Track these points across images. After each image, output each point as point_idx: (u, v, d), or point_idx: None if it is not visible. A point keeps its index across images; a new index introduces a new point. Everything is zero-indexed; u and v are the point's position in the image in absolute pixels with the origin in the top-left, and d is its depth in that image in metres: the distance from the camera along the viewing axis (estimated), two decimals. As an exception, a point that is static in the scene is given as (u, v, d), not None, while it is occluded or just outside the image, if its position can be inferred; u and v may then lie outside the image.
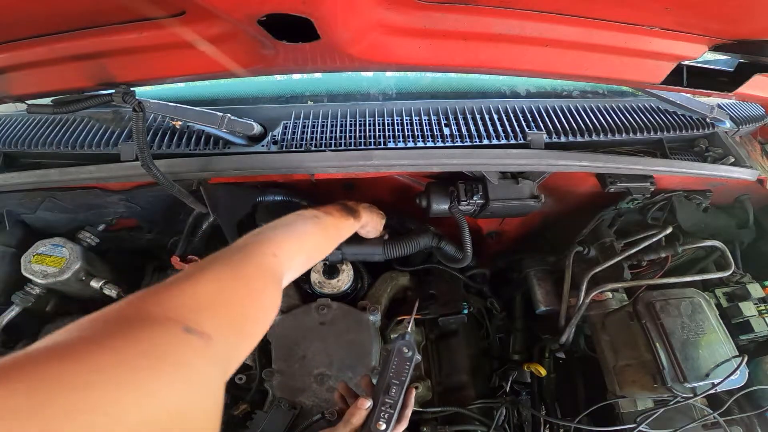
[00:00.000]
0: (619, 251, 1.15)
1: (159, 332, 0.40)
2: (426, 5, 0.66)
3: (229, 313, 0.49)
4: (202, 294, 0.49)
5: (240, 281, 0.56)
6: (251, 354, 1.15)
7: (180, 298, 0.46)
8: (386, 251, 1.13)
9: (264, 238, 0.68)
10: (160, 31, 0.70)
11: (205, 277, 0.51)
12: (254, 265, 0.61)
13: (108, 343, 0.35)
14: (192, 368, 0.39)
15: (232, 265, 0.58)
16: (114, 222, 1.25)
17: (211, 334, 0.43)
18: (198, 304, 0.46)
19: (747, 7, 0.67)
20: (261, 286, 0.58)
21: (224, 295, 0.51)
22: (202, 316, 0.44)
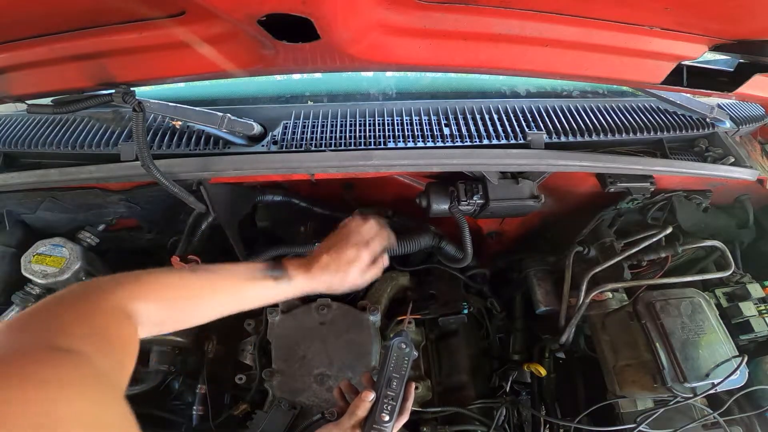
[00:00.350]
0: (619, 251, 1.15)
1: (35, 353, 0.43)
2: (426, 5, 0.66)
3: (96, 334, 0.52)
4: (66, 322, 0.52)
5: (97, 311, 0.58)
6: (251, 354, 1.16)
7: (54, 325, 0.50)
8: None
9: (112, 278, 0.68)
10: (161, 31, 0.70)
11: (58, 303, 0.56)
12: (107, 298, 0.62)
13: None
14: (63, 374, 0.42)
15: (83, 295, 0.60)
16: (114, 222, 1.25)
17: (79, 349, 0.46)
18: (69, 331, 0.50)
19: (747, 7, 0.67)
20: (114, 314, 0.60)
21: (83, 318, 0.54)
22: (72, 339, 0.48)
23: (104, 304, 0.60)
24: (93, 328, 0.53)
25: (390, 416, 0.78)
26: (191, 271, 0.80)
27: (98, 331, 0.53)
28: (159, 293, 0.70)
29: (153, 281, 0.71)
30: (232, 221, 1.16)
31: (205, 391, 1.12)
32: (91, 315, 0.56)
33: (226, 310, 0.79)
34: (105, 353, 0.50)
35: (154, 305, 0.68)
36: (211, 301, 0.77)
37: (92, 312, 0.57)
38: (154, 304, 0.68)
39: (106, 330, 0.55)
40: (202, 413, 1.11)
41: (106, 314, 0.58)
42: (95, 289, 0.62)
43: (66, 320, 0.52)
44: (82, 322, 0.54)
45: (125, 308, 0.62)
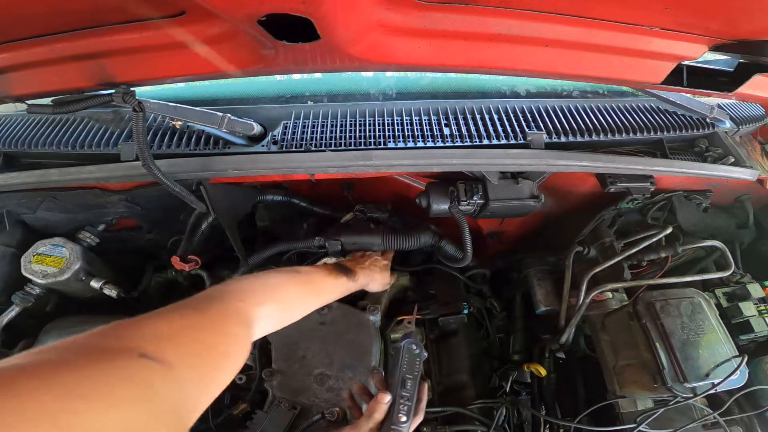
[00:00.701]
0: (619, 251, 1.15)
1: (116, 358, 0.42)
2: (426, 5, 0.66)
3: (192, 345, 0.51)
4: (163, 327, 0.51)
5: (204, 318, 0.58)
6: (251, 354, 1.16)
7: (140, 330, 0.48)
8: (385, 242, 1.13)
9: (231, 286, 0.71)
10: (161, 31, 0.70)
11: (168, 314, 0.54)
12: (219, 306, 0.63)
13: (66, 368, 0.37)
14: (148, 389, 0.40)
15: (196, 306, 0.60)
16: (114, 222, 1.25)
17: (172, 361, 0.45)
18: (157, 335, 0.48)
19: (747, 7, 0.67)
20: (226, 324, 0.60)
21: (186, 329, 0.53)
22: (161, 346, 0.46)
23: (225, 315, 0.61)
24: (192, 339, 0.52)
25: (407, 417, 0.80)
26: (296, 272, 0.89)
27: (196, 343, 0.52)
28: (276, 295, 0.78)
29: (271, 284, 0.79)
30: (232, 221, 1.16)
31: (205, 391, 1.12)
32: (206, 326, 0.56)
33: (317, 305, 0.92)
34: (192, 366, 0.49)
35: (274, 306, 0.75)
36: (311, 298, 0.89)
37: (208, 323, 0.57)
38: (273, 305, 0.75)
39: (214, 344, 0.55)
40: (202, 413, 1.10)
41: (222, 326, 0.59)
42: (220, 299, 0.64)
43: (172, 328, 0.51)
44: (189, 330, 0.53)
45: (246, 316, 0.65)
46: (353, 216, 1.22)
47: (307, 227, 1.25)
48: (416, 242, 1.16)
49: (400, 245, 1.15)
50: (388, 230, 1.16)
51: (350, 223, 1.21)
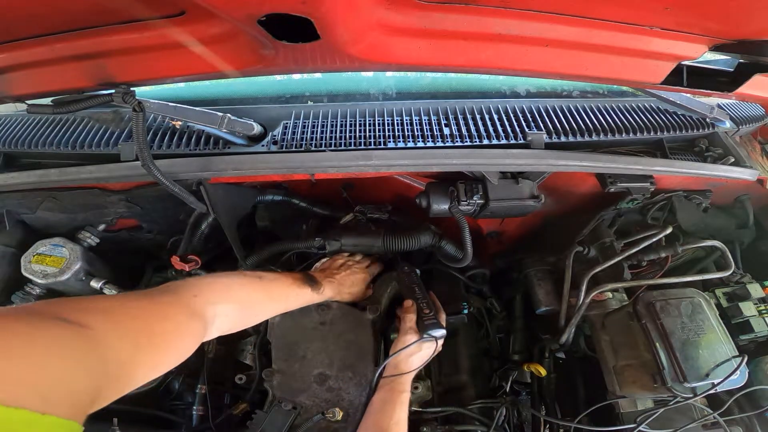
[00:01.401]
0: (619, 251, 1.15)
1: (33, 320, 0.43)
2: (426, 5, 0.66)
3: (128, 321, 0.53)
4: (102, 303, 0.53)
5: (152, 303, 0.60)
6: (251, 354, 1.16)
7: (76, 303, 0.51)
8: (385, 243, 1.13)
9: (189, 281, 0.73)
10: (161, 31, 0.70)
11: (117, 296, 0.57)
12: (171, 297, 0.65)
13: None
14: (52, 335, 0.42)
15: (149, 293, 0.63)
16: (114, 222, 1.25)
17: (93, 326, 0.46)
18: (89, 308, 0.50)
19: (747, 7, 0.67)
20: (172, 311, 0.61)
21: (127, 307, 0.55)
22: (88, 315, 0.48)
23: (172, 303, 0.63)
24: (129, 316, 0.53)
25: (429, 309, 1.02)
26: (259, 276, 0.91)
27: (132, 319, 0.53)
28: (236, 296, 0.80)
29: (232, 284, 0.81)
30: (231, 221, 1.16)
31: (205, 391, 1.12)
32: (148, 308, 0.58)
33: (276, 312, 0.96)
34: (122, 336, 0.50)
35: (232, 306, 0.77)
36: (271, 304, 0.91)
37: (151, 307, 0.58)
38: (231, 305, 0.77)
39: (153, 322, 0.56)
40: (202, 413, 1.10)
41: (166, 311, 0.60)
42: (173, 290, 0.67)
43: (108, 304, 0.53)
44: (127, 309, 0.54)
45: (199, 310, 0.67)
46: (353, 217, 1.22)
47: (307, 228, 1.25)
48: (416, 243, 1.16)
49: (400, 246, 1.15)
50: (388, 232, 1.16)
51: (350, 225, 1.21)
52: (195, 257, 1.12)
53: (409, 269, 1.10)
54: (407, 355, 0.98)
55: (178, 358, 0.59)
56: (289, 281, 0.96)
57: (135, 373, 0.51)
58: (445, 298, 1.27)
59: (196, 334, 0.64)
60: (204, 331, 0.67)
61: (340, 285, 1.07)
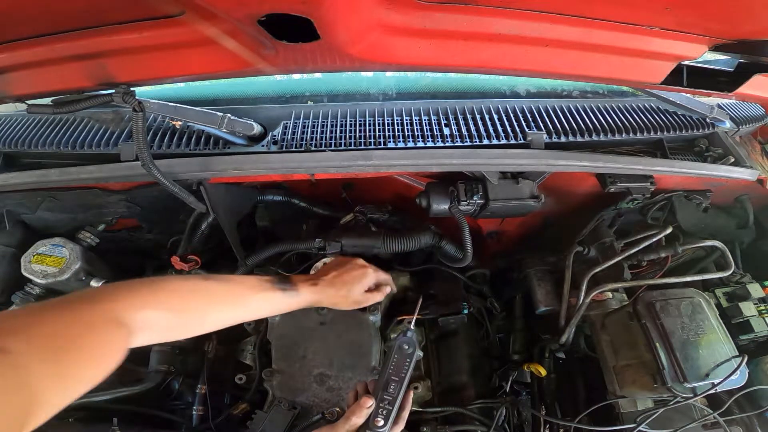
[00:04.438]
0: (619, 251, 1.15)
1: None
2: (426, 5, 0.66)
3: (48, 338, 0.51)
4: (15, 320, 0.52)
5: (73, 313, 0.57)
6: (251, 354, 1.16)
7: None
8: (386, 244, 1.13)
9: (107, 287, 0.69)
10: (160, 31, 0.70)
11: (29, 309, 0.56)
12: (91, 305, 0.60)
13: None
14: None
15: (68, 301, 0.59)
16: (114, 222, 1.25)
17: (13, 350, 0.45)
18: (4, 328, 0.49)
19: (747, 7, 0.67)
20: (93, 321, 0.58)
21: (46, 322, 0.53)
22: (8, 337, 0.47)
23: (92, 312, 0.59)
24: (49, 333, 0.52)
25: (385, 421, 0.75)
26: (203, 279, 0.81)
27: (53, 336, 0.52)
28: (166, 302, 0.70)
29: (162, 288, 0.71)
30: (231, 221, 1.16)
31: (205, 391, 1.12)
32: (68, 322, 0.56)
33: (234, 319, 0.81)
34: (44, 358, 0.49)
35: (161, 313, 0.68)
36: (220, 310, 0.78)
37: (70, 319, 0.56)
38: (160, 312, 0.68)
39: (74, 336, 0.54)
40: (202, 413, 1.10)
41: (87, 322, 0.57)
42: (91, 297, 0.62)
43: (26, 322, 0.52)
44: (45, 326, 0.53)
45: (120, 317, 0.62)
46: (353, 217, 1.22)
47: (307, 228, 1.25)
48: (417, 243, 1.16)
49: (400, 247, 1.15)
50: (389, 232, 1.16)
51: (351, 226, 1.21)
52: (195, 257, 1.12)
53: (410, 347, 0.83)
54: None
55: (104, 372, 0.56)
56: (251, 284, 0.82)
57: (60, 393, 0.49)
58: (445, 298, 1.27)
59: (117, 342, 0.60)
60: (127, 340, 0.62)
61: (329, 286, 0.90)
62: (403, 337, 0.84)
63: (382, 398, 0.77)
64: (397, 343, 0.83)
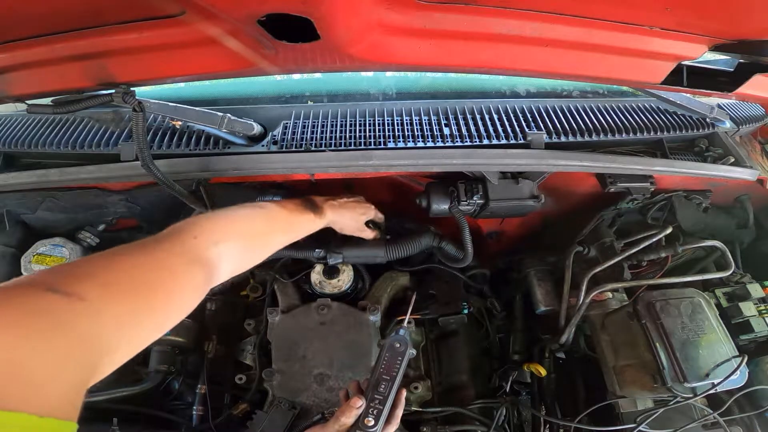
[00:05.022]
0: (619, 251, 1.15)
1: (23, 292, 0.42)
2: (426, 5, 0.66)
3: (121, 282, 0.50)
4: (92, 267, 0.50)
5: (146, 256, 0.57)
6: (251, 354, 1.16)
7: (65, 269, 0.49)
8: (388, 253, 1.13)
9: (189, 221, 0.69)
10: (160, 31, 0.70)
11: (106, 254, 0.53)
12: (171, 245, 0.61)
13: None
14: (46, 320, 0.40)
15: (146, 243, 0.59)
16: (114, 222, 1.25)
17: (86, 297, 0.44)
18: (80, 274, 0.48)
19: (747, 7, 0.67)
20: (172, 263, 0.58)
21: (120, 266, 0.52)
22: (79, 282, 0.45)
23: (171, 254, 0.59)
24: (124, 277, 0.51)
25: (375, 421, 0.74)
26: (260, 206, 0.85)
27: (128, 280, 0.51)
28: (240, 230, 0.74)
29: (237, 217, 0.76)
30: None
31: (205, 391, 1.12)
32: (146, 266, 0.55)
33: (287, 241, 0.89)
34: (118, 301, 0.48)
35: (236, 242, 0.71)
36: (275, 235, 0.84)
37: (148, 264, 0.55)
38: (236, 241, 0.71)
39: (149, 279, 0.53)
40: (202, 413, 1.11)
41: (167, 266, 0.57)
42: (171, 237, 0.62)
43: (103, 267, 0.51)
44: (123, 272, 0.51)
45: (202, 255, 0.63)
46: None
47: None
48: (418, 247, 1.16)
49: (403, 253, 1.14)
50: (390, 241, 1.16)
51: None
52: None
53: (402, 345, 0.81)
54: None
55: (180, 314, 0.56)
56: (291, 207, 0.90)
57: (134, 340, 0.49)
58: (445, 298, 1.27)
59: (199, 284, 0.60)
60: (209, 278, 0.63)
61: (342, 209, 1.01)
62: (394, 336, 0.83)
63: (372, 398, 0.76)
64: (388, 342, 0.82)
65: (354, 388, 0.81)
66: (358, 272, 1.23)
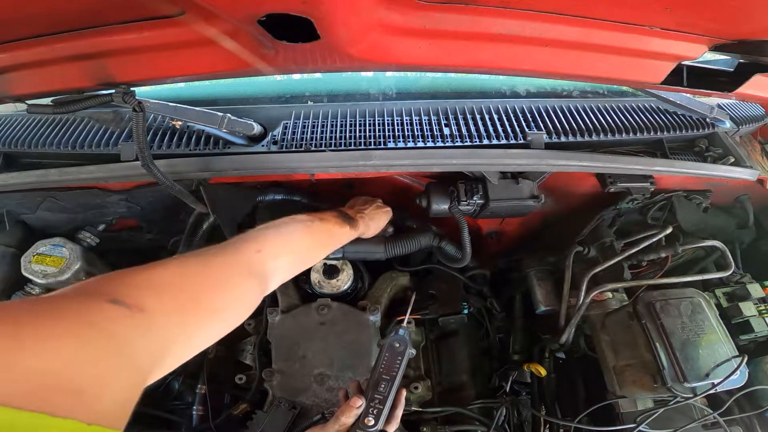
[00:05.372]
0: (619, 251, 1.15)
1: (83, 301, 0.42)
2: (426, 5, 0.66)
3: (177, 295, 0.50)
4: (153, 276, 0.50)
5: (205, 268, 0.57)
6: (251, 354, 1.16)
7: (125, 278, 0.48)
8: (387, 250, 1.13)
9: (250, 236, 0.71)
10: (160, 31, 0.70)
11: (165, 263, 0.53)
12: (230, 257, 0.62)
13: (27, 306, 0.39)
14: (103, 332, 0.39)
15: (206, 255, 0.60)
16: (114, 222, 1.25)
17: (145, 308, 0.44)
18: (140, 284, 0.48)
19: (747, 7, 0.67)
20: (229, 275, 0.60)
21: (178, 279, 0.52)
22: (139, 293, 0.46)
23: (228, 266, 0.60)
24: (183, 289, 0.51)
25: (375, 420, 0.74)
26: (307, 220, 0.86)
27: (184, 292, 0.51)
28: (291, 245, 0.77)
29: (289, 234, 0.78)
30: (232, 221, 1.16)
31: (205, 391, 1.12)
32: (203, 277, 0.56)
33: (323, 256, 0.93)
34: (171, 312, 0.48)
35: (289, 257, 0.75)
36: (319, 249, 0.88)
37: (206, 275, 0.56)
38: (288, 256, 0.75)
39: (205, 291, 0.54)
40: (202, 413, 1.11)
41: (223, 277, 0.58)
42: (233, 250, 0.64)
43: (163, 277, 0.51)
44: (181, 282, 0.52)
45: (258, 269, 0.65)
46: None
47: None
48: (417, 245, 1.15)
49: (402, 250, 1.14)
50: (390, 238, 1.16)
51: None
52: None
53: (401, 345, 0.81)
54: None
55: (231, 328, 0.57)
56: (331, 222, 0.93)
57: (182, 354, 0.50)
58: (445, 298, 1.27)
59: (254, 298, 0.62)
60: (264, 289, 0.66)
61: (370, 220, 1.04)
62: (394, 336, 0.83)
63: (372, 397, 0.76)
64: (387, 342, 0.82)
65: (354, 387, 0.81)
66: (358, 272, 1.23)
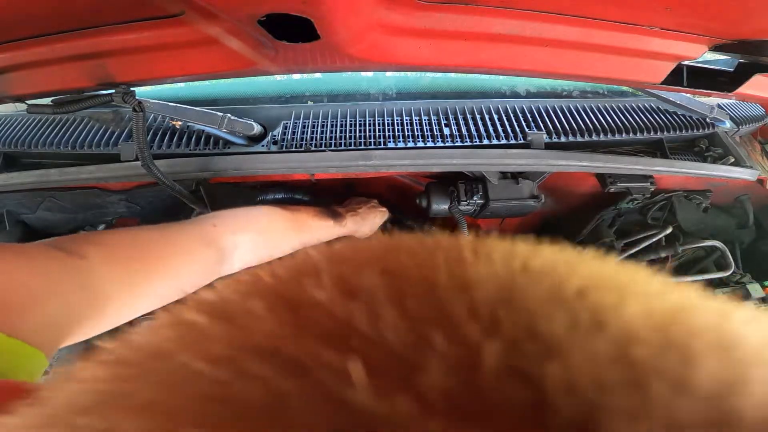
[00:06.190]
0: (619, 251, 1.15)
1: (34, 245, 0.44)
2: (426, 5, 0.66)
3: (126, 250, 0.52)
4: (103, 235, 0.53)
5: (161, 234, 0.58)
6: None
7: (80, 235, 0.50)
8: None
9: (210, 214, 0.73)
10: (160, 31, 0.70)
11: (124, 228, 0.56)
12: (187, 227, 0.63)
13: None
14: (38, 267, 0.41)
15: (162, 226, 0.61)
16: (114, 222, 1.25)
17: (86, 256, 0.46)
18: (91, 240, 0.49)
19: (747, 7, 0.67)
20: (183, 242, 0.60)
21: (129, 239, 0.54)
22: (85, 246, 0.47)
23: (183, 233, 0.61)
24: (131, 245, 0.52)
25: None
26: (281, 209, 0.88)
27: (132, 247, 0.52)
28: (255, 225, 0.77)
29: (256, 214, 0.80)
30: (232, 221, 1.16)
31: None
32: (156, 239, 0.56)
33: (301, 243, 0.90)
34: (114, 263, 0.49)
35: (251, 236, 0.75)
36: (294, 234, 0.88)
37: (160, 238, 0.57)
38: (250, 234, 0.75)
39: (154, 248, 0.55)
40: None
41: (177, 242, 0.59)
42: (190, 222, 0.65)
43: (115, 236, 0.52)
44: (132, 240, 0.53)
45: (217, 239, 0.65)
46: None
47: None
48: None
49: None
50: None
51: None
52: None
53: None
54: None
55: (183, 287, 0.57)
56: (312, 213, 0.95)
57: (127, 302, 0.50)
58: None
59: (209, 264, 0.62)
60: (221, 261, 0.65)
61: (362, 220, 1.05)
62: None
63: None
64: None
65: None
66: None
